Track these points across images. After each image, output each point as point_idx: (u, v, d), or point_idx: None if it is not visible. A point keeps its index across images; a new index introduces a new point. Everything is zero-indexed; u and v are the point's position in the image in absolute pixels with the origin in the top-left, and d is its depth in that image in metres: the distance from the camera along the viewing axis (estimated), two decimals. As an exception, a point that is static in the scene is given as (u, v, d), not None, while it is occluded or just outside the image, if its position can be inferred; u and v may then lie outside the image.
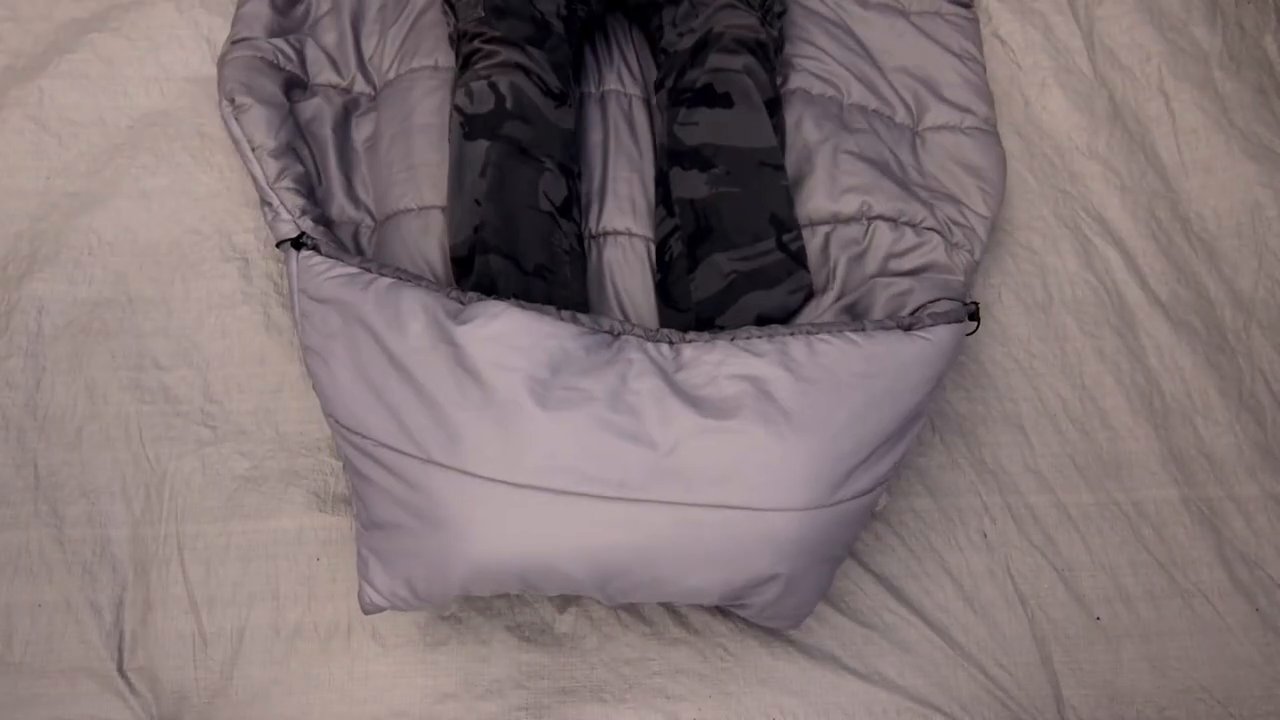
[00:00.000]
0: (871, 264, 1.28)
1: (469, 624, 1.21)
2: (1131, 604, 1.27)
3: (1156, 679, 1.24)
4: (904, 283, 1.22)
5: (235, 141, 1.27)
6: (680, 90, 1.30)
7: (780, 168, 1.26)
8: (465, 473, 1.00)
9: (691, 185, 1.25)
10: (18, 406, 1.27)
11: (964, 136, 1.41)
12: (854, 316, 1.22)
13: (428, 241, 1.26)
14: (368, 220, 1.34)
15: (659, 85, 1.36)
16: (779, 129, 1.31)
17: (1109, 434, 1.36)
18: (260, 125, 1.26)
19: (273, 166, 1.24)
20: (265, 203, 1.23)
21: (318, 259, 1.13)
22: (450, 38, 1.36)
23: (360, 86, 1.43)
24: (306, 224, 1.20)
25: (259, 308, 1.33)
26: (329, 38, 1.44)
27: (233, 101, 1.28)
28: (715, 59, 1.28)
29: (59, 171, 1.38)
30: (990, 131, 1.42)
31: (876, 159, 1.35)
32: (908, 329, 1.09)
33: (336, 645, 1.20)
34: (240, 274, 1.34)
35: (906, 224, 1.30)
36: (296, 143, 1.31)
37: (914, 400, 1.08)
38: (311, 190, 1.30)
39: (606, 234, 1.33)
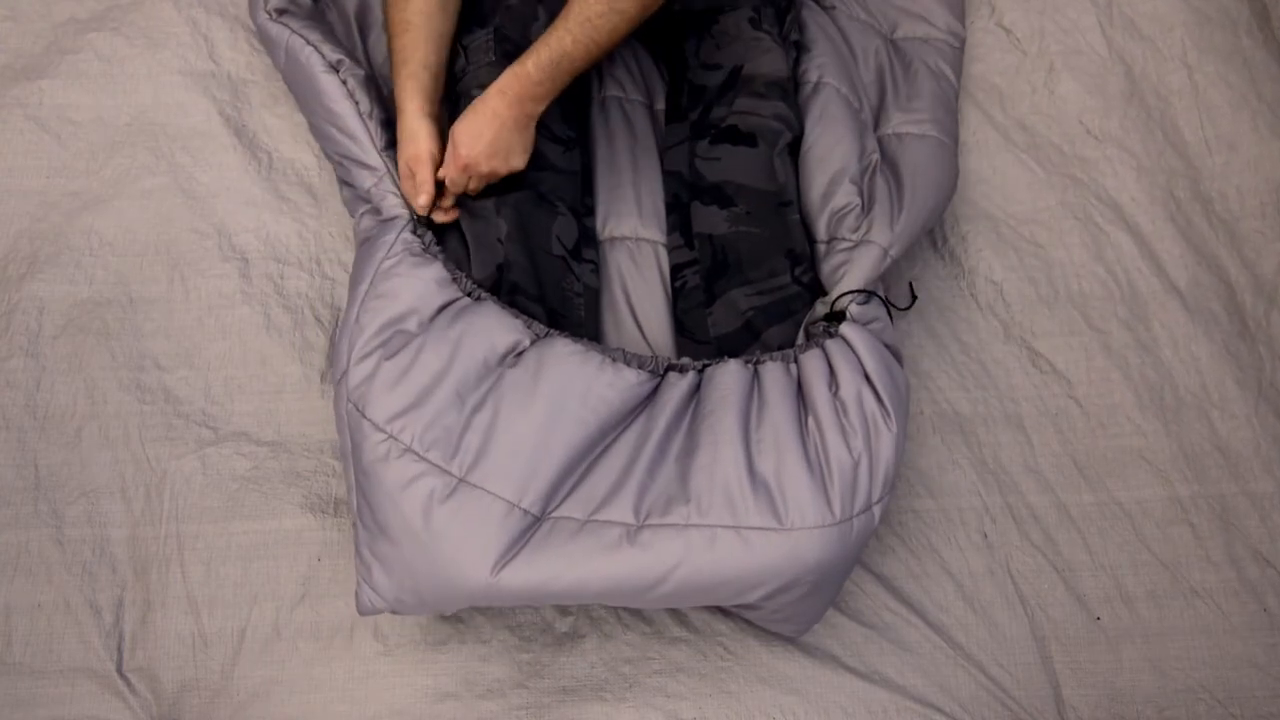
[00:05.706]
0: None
1: (469, 624, 1.21)
2: (1132, 604, 1.26)
3: (1157, 679, 1.23)
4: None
5: (329, 105, 1.24)
6: (705, 125, 1.29)
7: (792, 203, 1.26)
8: (491, 493, 1.02)
9: (711, 221, 1.26)
10: (18, 406, 1.27)
11: (918, 142, 1.34)
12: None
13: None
14: None
15: (681, 115, 1.35)
16: (798, 168, 1.30)
17: (1115, 431, 1.33)
18: (370, 91, 1.26)
19: (382, 136, 1.24)
20: (370, 168, 1.22)
21: (419, 249, 1.15)
22: (457, 74, 1.31)
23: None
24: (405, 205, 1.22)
25: (259, 308, 1.33)
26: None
27: (337, 69, 1.26)
28: (744, 102, 1.27)
29: (59, 171, 1.38)
30: (947, 143, 1.36)
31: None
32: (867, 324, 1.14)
33: (337, 645, 1.20)
34: (240, 274, 1.34)
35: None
36: None
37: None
38: None
39: (613, 239, 1.33)
